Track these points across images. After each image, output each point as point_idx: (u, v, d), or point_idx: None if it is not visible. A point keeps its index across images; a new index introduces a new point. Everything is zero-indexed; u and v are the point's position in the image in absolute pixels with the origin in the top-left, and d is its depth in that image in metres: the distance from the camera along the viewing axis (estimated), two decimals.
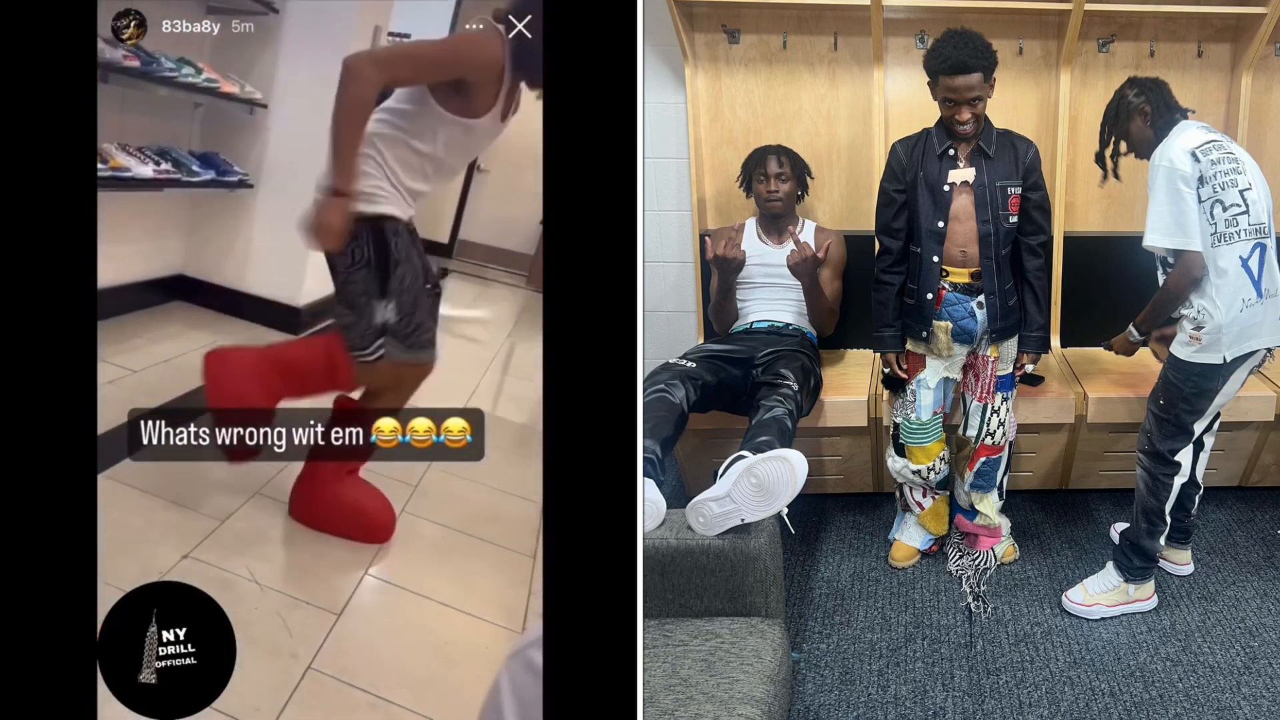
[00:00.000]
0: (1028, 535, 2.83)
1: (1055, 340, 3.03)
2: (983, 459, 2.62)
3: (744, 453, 2.05)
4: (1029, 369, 2.60)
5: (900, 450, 2.63)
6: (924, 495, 2.68)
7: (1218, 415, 2.38)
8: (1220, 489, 2.99)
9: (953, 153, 2.42)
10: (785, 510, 1.98)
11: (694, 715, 1.58)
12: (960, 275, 2.45)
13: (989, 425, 2.58)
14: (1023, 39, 2.99)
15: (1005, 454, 2.64)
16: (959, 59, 2.29)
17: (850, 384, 2.83)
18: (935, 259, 2.44)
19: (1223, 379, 2.28)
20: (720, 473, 2.01)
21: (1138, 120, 2.38)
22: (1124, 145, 2.44)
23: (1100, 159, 2.48)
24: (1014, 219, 2.45)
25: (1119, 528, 2.71)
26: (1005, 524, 2.71)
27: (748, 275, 2.77)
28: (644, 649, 1.74)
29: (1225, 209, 2.22)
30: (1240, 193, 2.23)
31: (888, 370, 2.60)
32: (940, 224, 2.42)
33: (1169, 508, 2.39)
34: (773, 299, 2.80)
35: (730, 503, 1.94)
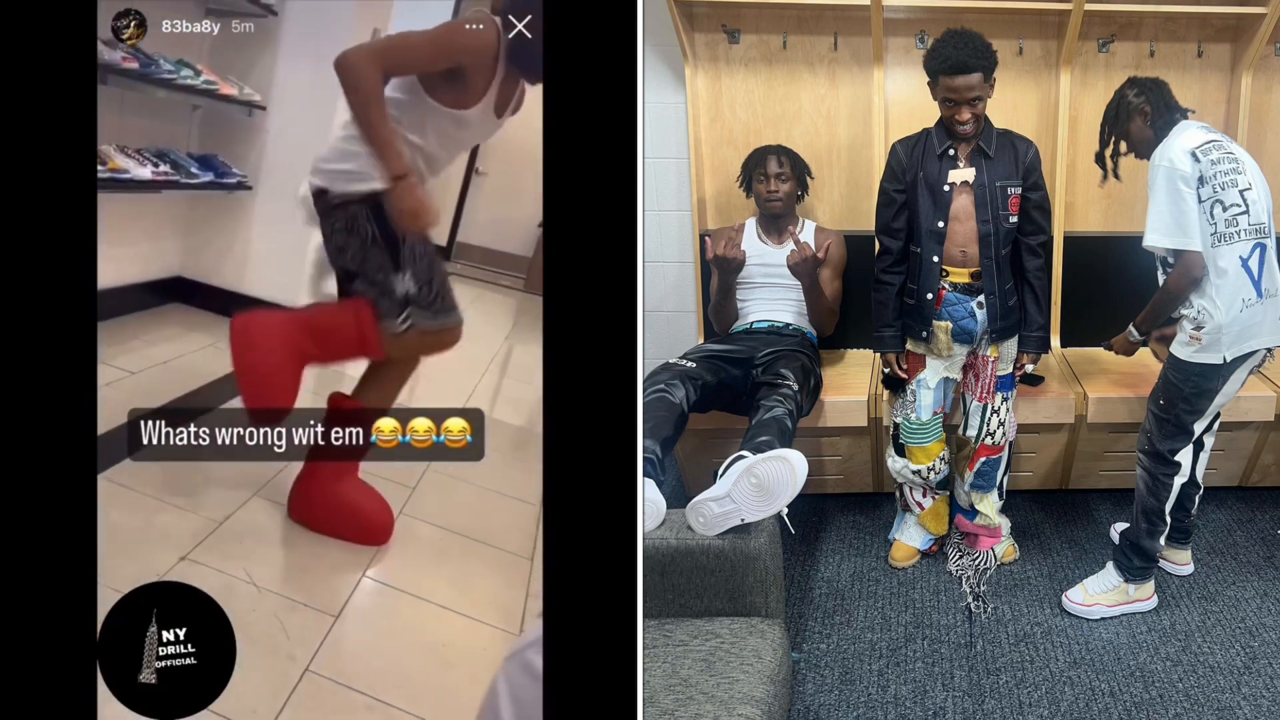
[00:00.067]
0: (1028, 535, 2.83)
1: (1055, 340, 3.03)
2: (983, 459, 2.62)
3: (744, 453, 2.05)
4: (1029, 369, 2.60)
5: (900, 450, 2.63)
6: (924, 495, 2.68)
7: (1218, 415, 2.38)
8: (1220, 489, 2.99)
9: (953, 153, 2.42)
10: (785, 510, 1.98)
11: (694, 715, 1.58)
12: (960, 275, 2.45)
13: (989, 425, 2.58)
14: (1023, 39, 2.99)
15: (1005, 454, 2.64)
16: (959, 59, 2.29)
17: (850, 384, 2.83)
18: (935, 259, 2.44)
19: (1223, 379, 2.28)
20: (720, 473, 2.01)
21: (1138, 120, 2.38)
22: (1124, 145, 2.44)
23: (1100, 159, 2.48)
24: (1014, 219, 2.45)
25: (1119, 528, 2.71)
26: (1005, 524, 2.70)
27: (748, 275, 2.77)
28: (644, 649, 1.74)
29: (1225, 209, 2.22)
30: (1240, 193, 2.23)
31: (888, 370, 2.60)
32: (940, 224, 2.42)
33: (1169, 508, 2.39)
34: (773, 299, 2.79)
35: (730, 503, 1.94)
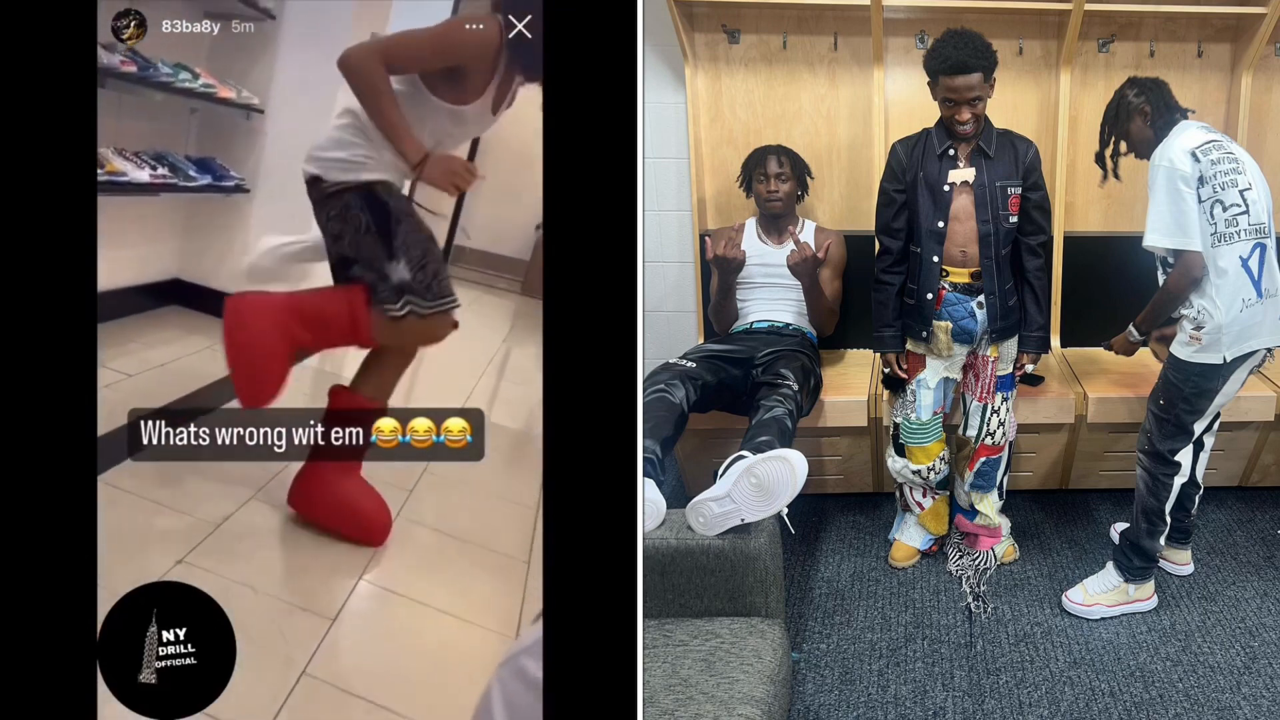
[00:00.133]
0: (1028, 535, 2.83)
1: (1055, 340, 3.03)
2: (983, 459, 2.62)
3: (744, 453, 2.05)
4: (1029, 369, 2.60)
5: (900, 450, 2.63)
6: (924, 495, 2.68)
7: (1218, 415, 2.38)
8: (1220, 489, 2.99)
9: (953, 153, 2.42)
10: (785, 510, 1.98)
11: (694, 715, 1.58)
12: (960, 275, 2.45)
13: (989, 425, 2.58)
14: (1023, 39, 2.99)
15: (1005, 454, 2.64)
16: (959, 59, 2.29)
17: (850, 384, 2.83)
18: (935, 259, 2.44)
19: (1223, 379, 2.28)
20: (720, 473, 2.01)
21: (1138, 120, 2.38)
22: (1124, 145, 2.44)
23: (1100, 159, 2.48)
24: (1014, 219, 2.45)
25: (1119, 528, 2.71)
26: (1005, 524, 2.70)
27: (748, 275, 2.77)
28: (644, 649, 1.74)
29: (1225, 209, 2.22)
30: (1240, 193, 2.23)
31: (888, 370, 2.60)
32: (940, 224, 2.42)
33: (1169, 508, 2.39)
34: (773, 299, 2.80)
35: (730, 503, 1.94)
